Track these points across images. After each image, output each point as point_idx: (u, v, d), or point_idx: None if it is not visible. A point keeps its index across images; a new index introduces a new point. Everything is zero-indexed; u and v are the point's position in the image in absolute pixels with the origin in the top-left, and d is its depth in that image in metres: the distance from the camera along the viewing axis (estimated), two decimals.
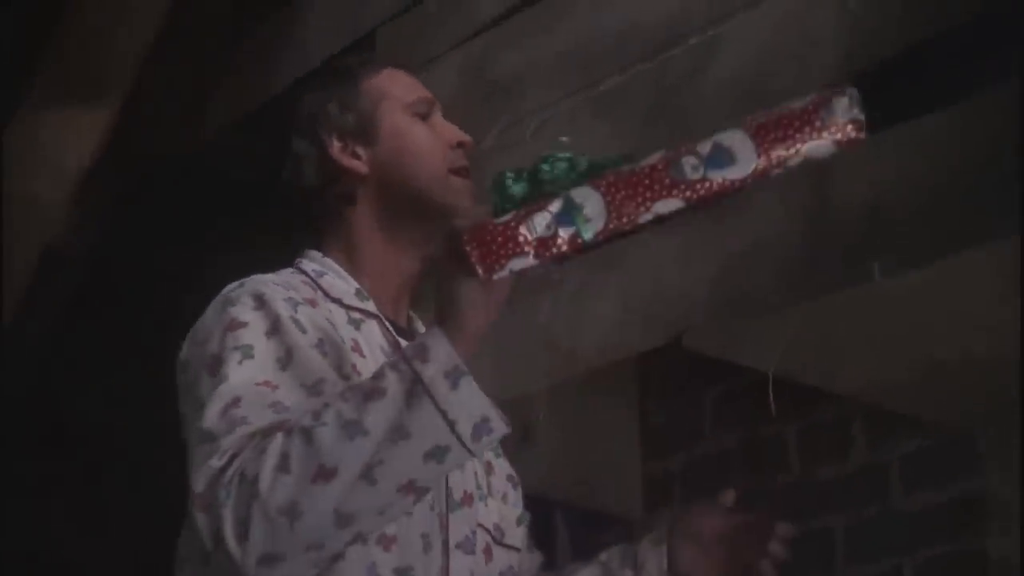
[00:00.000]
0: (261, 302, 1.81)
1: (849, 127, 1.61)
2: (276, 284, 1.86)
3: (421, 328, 1.98)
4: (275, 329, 1.78)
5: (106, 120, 3.83)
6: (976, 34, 2.19)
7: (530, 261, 1.61)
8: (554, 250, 1.61)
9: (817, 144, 1.61)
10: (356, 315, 1.89)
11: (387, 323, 1.91)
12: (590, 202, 1.62)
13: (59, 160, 3.87)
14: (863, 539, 3.01)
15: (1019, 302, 2.21)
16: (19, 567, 4.33)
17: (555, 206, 1.62)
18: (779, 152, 1.61)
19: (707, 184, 1.61)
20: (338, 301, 1.90)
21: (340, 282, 1.92)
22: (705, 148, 1.61)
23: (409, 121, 2.01)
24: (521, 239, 1.61)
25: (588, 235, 1.62)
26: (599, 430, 3.36)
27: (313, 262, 1.96)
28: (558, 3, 2.75)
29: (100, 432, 4.56)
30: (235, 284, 1.87)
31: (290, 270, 1.95)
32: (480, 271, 1.62)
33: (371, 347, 1.87)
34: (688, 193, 1.62)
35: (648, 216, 1.62)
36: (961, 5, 2.15)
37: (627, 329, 2.53)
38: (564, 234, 1.61)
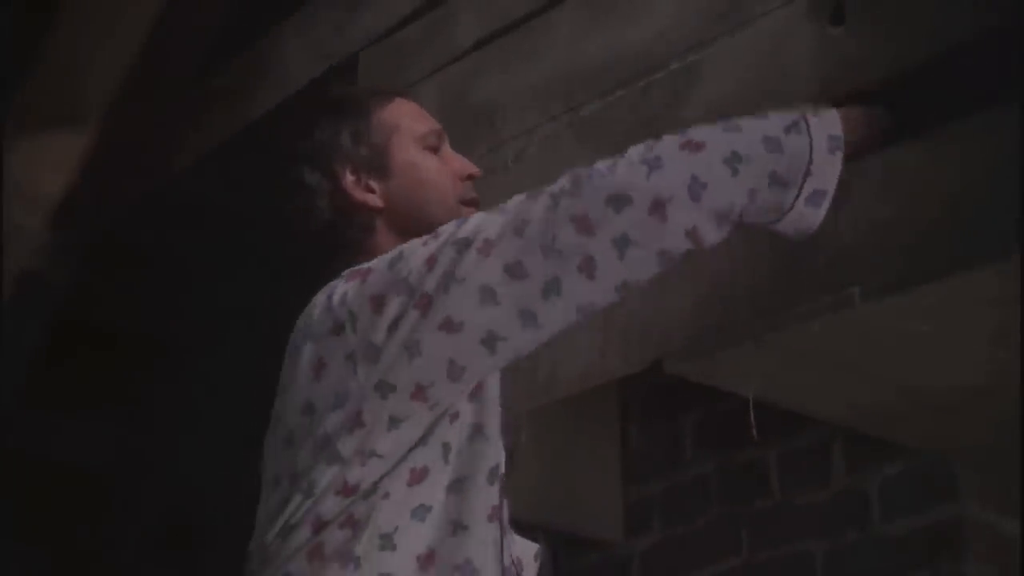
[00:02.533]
0: None
1: None
2: None
3: None
4: None
5: (83, 146, 3.82)
6: (954, 64, 2.20)
7: None
8: None
9: None
10: None
11: None
12: None
13: (36, 186, 3.86)
14: (843, 564, 3.01)
15: (1016, 327, 2.22)
16: None
17: None
18: None
19: None
20: None
21: None
22: None
23: (421, 154, 2.02)
24: None
25: None
26: (580, 455, 3.35)
27: None
28: (539, 29, 2.75)
29: (76, 466, 4.54)
30: None
31: None
32: None
33: None
34: None
35: None
36: (944, 33, 2.16)
37: (607, 355, 2.52)
38: None
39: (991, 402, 2.51)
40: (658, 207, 1.73)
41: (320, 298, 1.87)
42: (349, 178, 1.99)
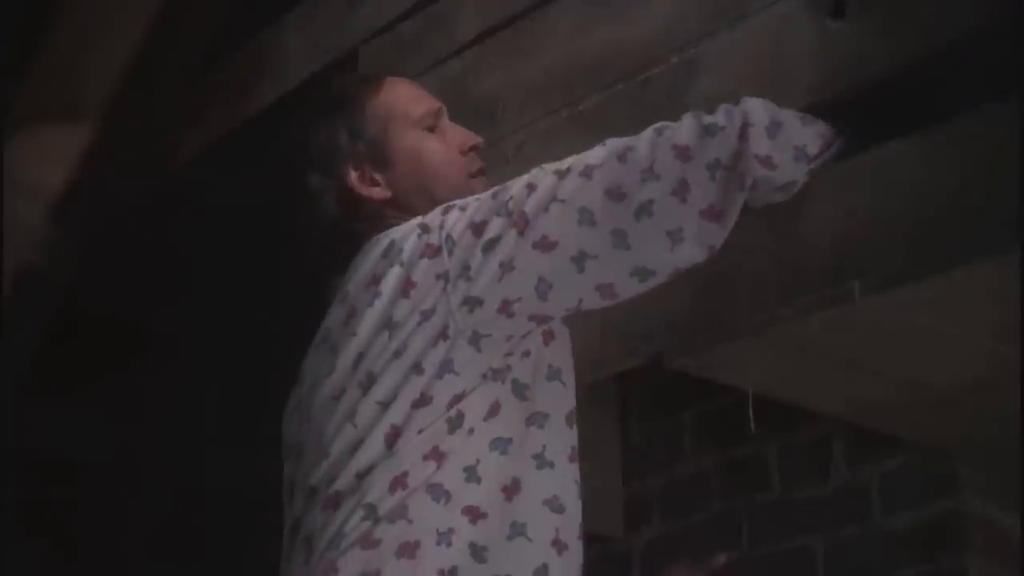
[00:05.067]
0: None
1: None
2: None
3: None
4: None
5: (82, 142, 3.82)
6: (955, 58, 2.20)
7: None
8: None
9: None
10: None
11: None
12: None
13: (36, 181, 3.86)
14: (843, 559, 3.01)
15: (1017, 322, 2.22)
16: None
17: None
18: None
19: None
20: None
21: None
22: None
23: (420, 137, 2.02)
24: None
25: None
26: (580, 450, 3.35)
27: None
28: (539, 22, 2.75)
29: (76, 460, 4.54)
30: None
31: None
32: None
33: None
34: None
35: None
36: (945, 27, 2.16)
37: (607, 349, 2.52)
38: None
39: (992, 396, 2.51)
40: (744, 132, 1.87)
41: (402, 231, 1.88)
42: (353, 174, 1.99)
